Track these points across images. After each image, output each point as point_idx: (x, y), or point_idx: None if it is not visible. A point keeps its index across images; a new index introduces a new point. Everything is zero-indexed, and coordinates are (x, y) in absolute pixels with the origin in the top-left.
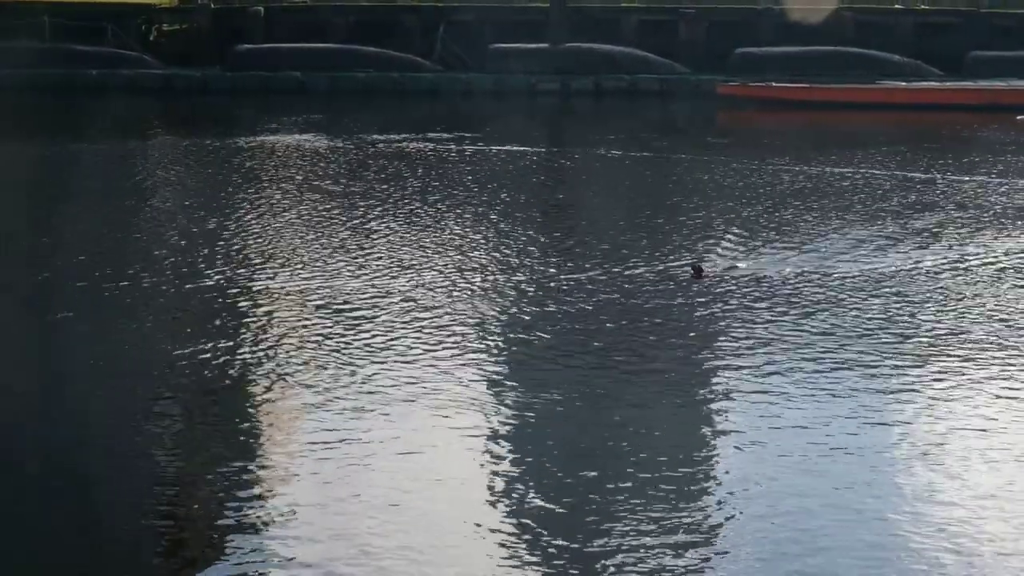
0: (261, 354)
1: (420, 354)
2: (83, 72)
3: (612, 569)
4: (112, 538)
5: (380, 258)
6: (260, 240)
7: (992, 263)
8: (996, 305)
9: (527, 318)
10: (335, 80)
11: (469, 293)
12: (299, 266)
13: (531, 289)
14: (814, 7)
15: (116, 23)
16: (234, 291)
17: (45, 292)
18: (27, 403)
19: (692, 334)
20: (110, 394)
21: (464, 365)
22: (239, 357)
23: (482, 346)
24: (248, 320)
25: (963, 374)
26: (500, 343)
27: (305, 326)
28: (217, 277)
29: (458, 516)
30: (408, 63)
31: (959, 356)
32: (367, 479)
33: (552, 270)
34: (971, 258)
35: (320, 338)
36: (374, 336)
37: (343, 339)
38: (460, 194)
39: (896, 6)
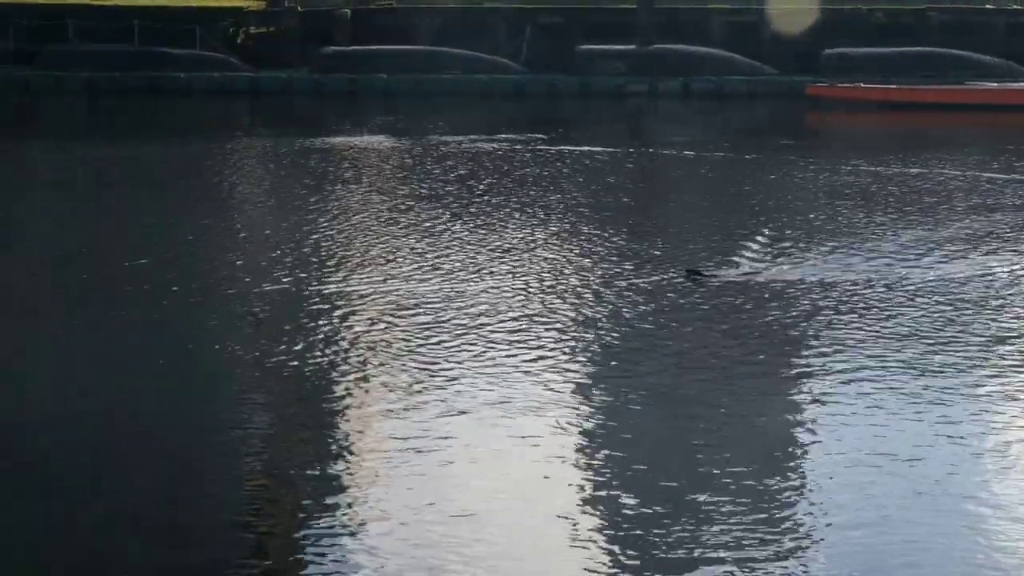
0: (338, 359)
1: (496, 358)
2: (171, 75)
3: None
4: (197, 539)
5: (454, 260)
6: (337, 243)
7: None
8: None
9: (603, 320)
10: (421, 82)
11: (544, 295)
12: (375, 269)
13: (606, 291)
14: (903, 7)
15: (204, 26)
16: (310, 294)
17: (129, 292)
18: (112, 403)
19: (769, 339)
20: (190, 395)
21: (542, 369)
22: (317, 361)
23: (560, 349)
24: (325, 324)
25: None
26: (577, 346)
27: (381, 329)
28: (292, 280)
29: (538, 524)
30: (494, 65)
31: None
32: (445, 485)
33: (627, 271)
34: None
35: (396, 342)
36: (449, 339)
37: (418, 343)
38: (537, 194)
39: (987, 6)
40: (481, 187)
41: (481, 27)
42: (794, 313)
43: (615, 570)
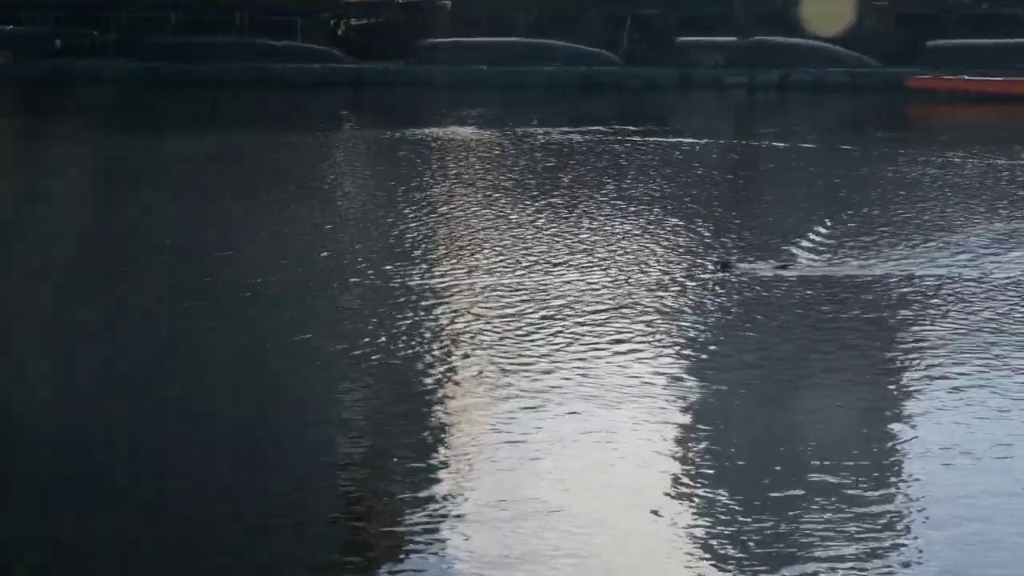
0: (425, 351)
1: (583, 350)
2: (273, 67)
3: None
4: (290, 532)
5: (539, 251)
6: (422, 235)
7: None
8: None
9: (688, 312)
10: (520, 74)
11: (629, 287)
12: (460, 260)
13: (690, 283)
14: None
15: (306, 18)
16: (395, 287)
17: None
18: (211, 388)
19: (855, 333)
20: (290, 383)
21: (630, 362)
22: (403, 354)
23: (646, 342)
24: (413, 316)
25: None
26: (663, 338)
27: (466, 322)
28: (376, 272)
29: (629, 518)
30: (594, 56)
31: None
32: (536, 479)
33: (712, 263)
34: None
35: (482, 334)
36: (535, 332)
37: (505, 335)
38: (624, 185)
39: None
40: (569, 178)
41: (580, 19)
42: (880, 307)
43: (706, 565)
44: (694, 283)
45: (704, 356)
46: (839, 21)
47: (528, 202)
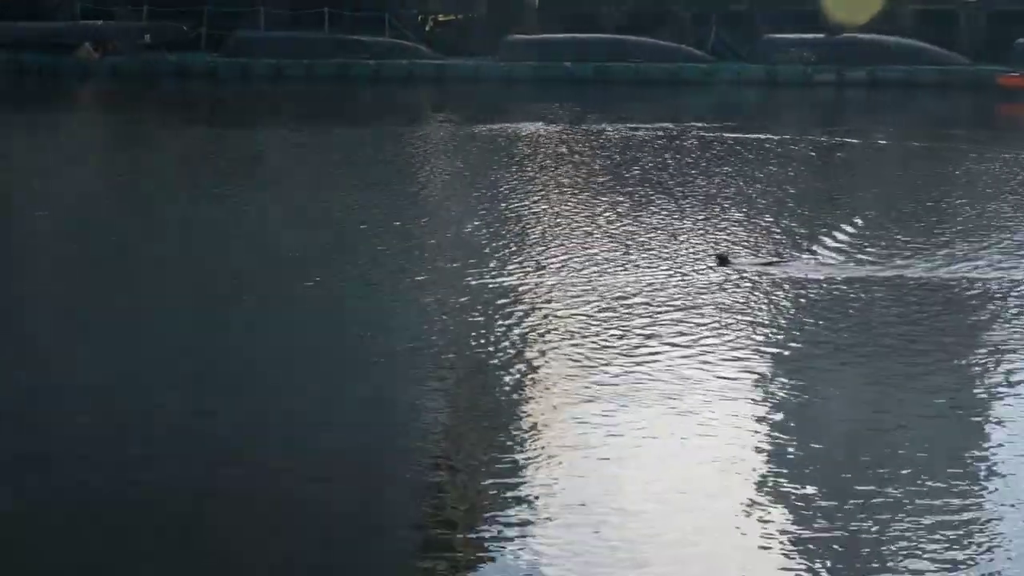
0: (508, 348)
1: (677, 348)
2: (360, 62)
3: None
4: (375, 531)
5: (616, 248)
6: (505, 230)
7: None
8: None
9: (767, 311)
10: (605, 69)
11: (701, 287)
12: (539, 257)
13: (762, 281)
14: None
15: (394, 14)
16: (474, 283)
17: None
18: (300, 379)
19: (938, 334)
20: (379, 378)
21: (715, 362)
22: (489, 351)
23: (726, 342)
24: (491, 313)
25: None
26: (746, 337)
27: (542, 320)
28: (439, 270)
29: (716, 520)
30: (680, 53)
31: None
32: (622, 479)
33: (784, 260)
34: None
35: (559, 333)
36: (613, 330)
37: (583, 334)
38: (704, 182)
39: None
40: (641, 174)
41: (666, 16)
42: (959, 309)
43: (799, 569)
44: (763, 280)
45: (785, 354)
46: (928, 19)
47: (598, 198)
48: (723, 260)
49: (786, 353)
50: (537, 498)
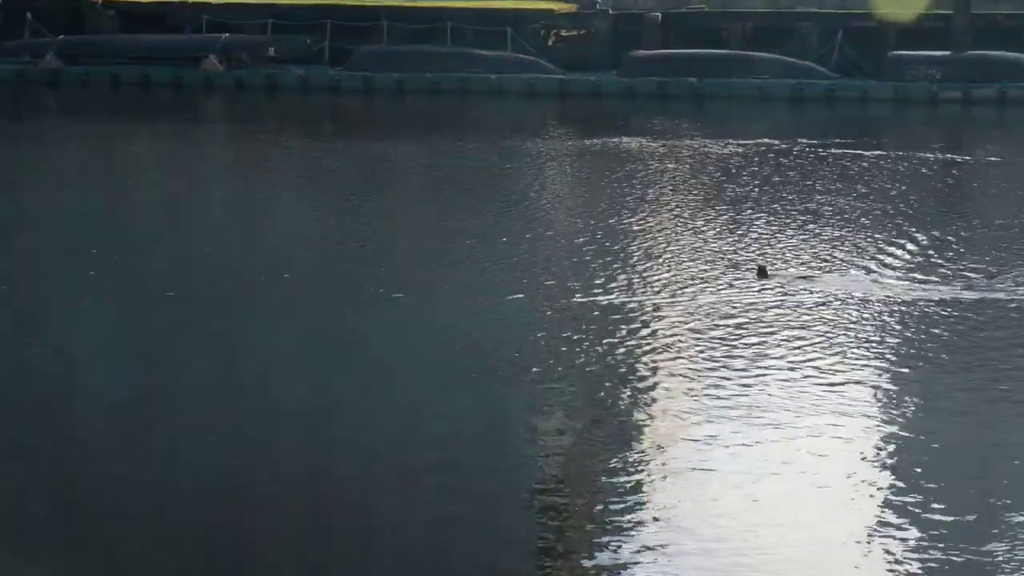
0: (622, 367)
1: (790, 364)
2: (482, 76)
3: None
4: (484, 541)
5: (724, 267)
6: (614, 248)
7: None
8: None
9: (883, 329)
10: (730, 85)
11: (811, 305)
12: (647, 275)
13: (872, 300)
14: None
15: (516, 28)
16: (583, 301)
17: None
18: (395, 395)
19: None
20: (479, 393)
21: (837, 382)
22: (602, 369)
23: (843, 361)
24: (602, 332)
25: None
26: (859, 357)
27: (656, 338)
28: (537, 290)
29: (843, 537)
30: (805, 70)
31: None
32: (743, 496)
33: (896, 281)
34: None
35: (670, 350)
36: (726, 348)
37: (694, 352)
38: (819, 199)
39: None
40: (755, 191)
41: (791, 32)
42: None
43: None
44: (874, 299)
45: (905, 370)
46: None
47: (708, 215)
48: (763, 272)
49: (902, 372)
50: (654, 522)
